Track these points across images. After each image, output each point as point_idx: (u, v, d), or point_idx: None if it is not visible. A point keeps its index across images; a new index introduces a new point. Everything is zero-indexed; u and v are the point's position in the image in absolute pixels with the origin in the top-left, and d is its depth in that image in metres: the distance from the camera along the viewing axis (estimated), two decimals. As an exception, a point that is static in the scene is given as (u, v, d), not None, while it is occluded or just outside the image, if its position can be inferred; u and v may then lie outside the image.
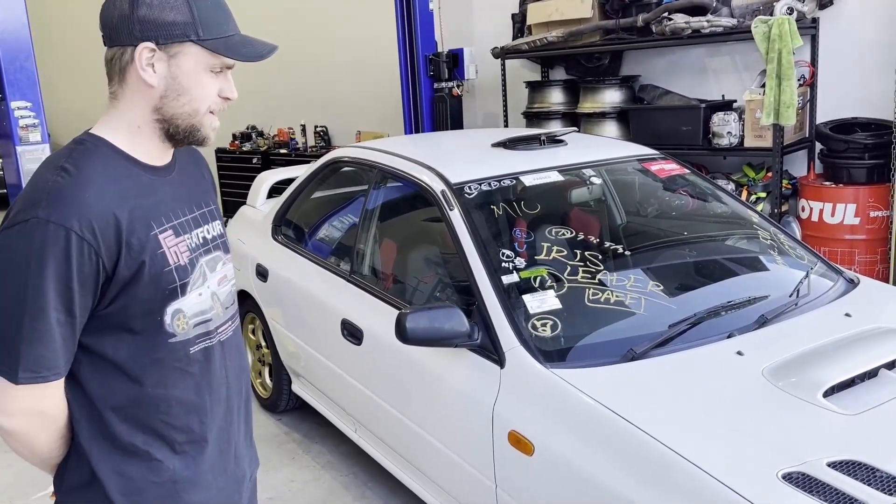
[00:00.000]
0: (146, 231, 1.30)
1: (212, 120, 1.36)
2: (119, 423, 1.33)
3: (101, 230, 1.23)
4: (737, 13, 4.26)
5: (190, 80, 1.30)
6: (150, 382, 1.34)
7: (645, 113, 4.75)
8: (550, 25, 5.00)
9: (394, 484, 2.95)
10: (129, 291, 1.28)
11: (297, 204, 3.63)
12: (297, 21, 7.48)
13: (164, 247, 1.32)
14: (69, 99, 9.73)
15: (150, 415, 1.35)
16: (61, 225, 1.20)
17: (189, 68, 1.30)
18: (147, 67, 1.28)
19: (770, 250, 2.80)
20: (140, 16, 1.26)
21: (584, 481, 1.86)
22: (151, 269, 1.29)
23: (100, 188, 1.25)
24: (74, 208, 1.21)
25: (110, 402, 1.33)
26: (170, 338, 1.35)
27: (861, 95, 4.17)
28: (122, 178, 1.30)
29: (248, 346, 3.99)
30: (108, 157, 1.31)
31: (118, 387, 1.33)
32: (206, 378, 1.42)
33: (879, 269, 3.99)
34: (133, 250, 1.27)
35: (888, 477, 1.63)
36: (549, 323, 2.24)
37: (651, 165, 3.04)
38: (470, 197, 2.62)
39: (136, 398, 1.34)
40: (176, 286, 1.33)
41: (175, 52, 1.28)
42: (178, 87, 1.30)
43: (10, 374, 1.22)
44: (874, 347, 2.09)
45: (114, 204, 1.26)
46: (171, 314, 1.34)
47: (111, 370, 1.32)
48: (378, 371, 2.74)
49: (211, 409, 1.43)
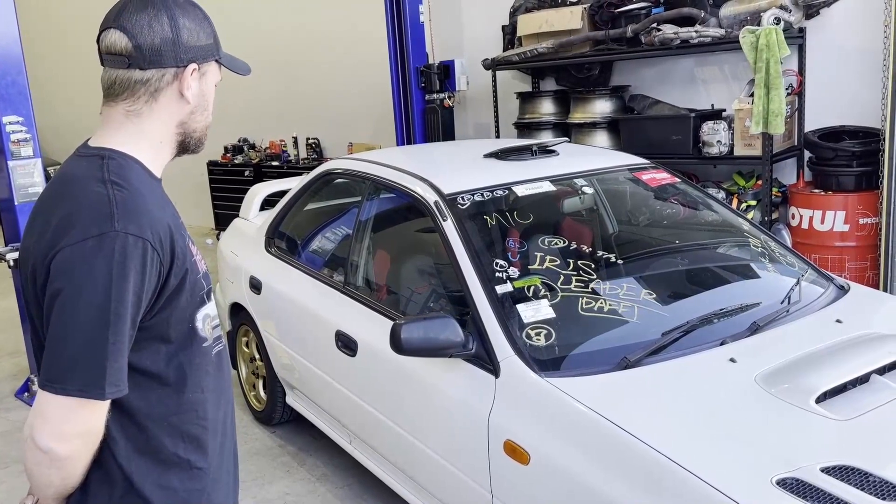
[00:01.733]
0: (182, 241, 1.34)
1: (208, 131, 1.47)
2: (163, 435, 1.34)
3: (163, 240, 1.27)
4: (725, 23, 4.31)
5: (208, 97, 1.43)
6: (189, 387, 1.37)
7: (635, 123, 4.78)
8: (541, 36, 5.04)
9: (390, 495, 2.94)
10: (173, 301, 1.31)
11: (291, 216, 3.63)
12: (288, 34, 7.51)
13: (193, 254, 1.37)
14: (59, 114, 9.71)
15: (190, 420, 1.38)
16: (139, 237, 1.22)
17: (207, 87, 1.42)
18: (192, 85, 1.38)
19: (761, 258, 2.82)
20: (184, 40, 1.35)
21: (580, 489, 1.87)
22: (191, 276, 1.34)
23: (150, 198, 1.30)
24: (146, 220, 1.24)
25: (153, 415, 1.33)
26: (203, 342, 1.39)
27: (848, 103, 4.22)
28: (153, 189, 1.35)
29: (242, 358, 3.99)
30: (138, 169, 1.35)
31: (159, 397, 1.33)
32: (220, 379, 1.46)
33: (870, 276, 4.02)
34: (179, 259, 1.30)
35: (881, 482, 1.64)
36: (543, 332, 2.25)
37: (642, 175, 3.07)
38: (463, 207, 2.63)
39: (176, 405, 1.35)
40: (204, 292, 1.38)
41: (205, 70, 1.41)
42: (205, 103, 1.42)
43: (98, 392, 1.20)
44: (865, 353, 2.11)
45: (163, 214, 1.30)
46: (201, 319, 1.38)
47: (150, 381, 1.32)
48: (373, 382, 2.74)
49: (226, 408, 1.48)
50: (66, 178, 1.32)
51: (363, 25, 6.64)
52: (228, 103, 8.54)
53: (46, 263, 1.22)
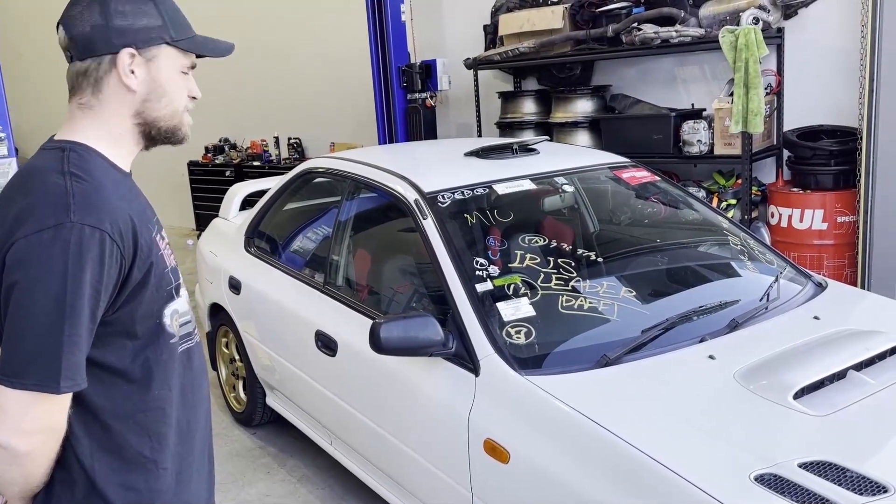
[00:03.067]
0: (148, 234, 1.31)
1: (187, 118, 1.40)
2: (129, 433, 1.31)
3: (124, 232, 1.24)
4: (704, 23, 4.33)
5: (168, 82, 1.35)
6: (156, 384, 1.34)
7: (616, 122, 4.79)
8: (522, 36, 5.04)
9: (371, 496, 2.92)
10: (137, 295, 1.28)
11: (270, 216, 3.60)
12: (269, 33, 7.46)
13: (161, 249, 1.34)
14: (36, 113, 9.60)
15: (157, 418, 1.35)
16: (96, 228, 1.19)
17: (166, 70, 1.34)
18: (129, 72, 1.31)
19: (740, 256, 2.83)
20: (116, 24, 1.29)
21: (559, 488, 1.86)
22: (156, 269, 1.31)
23: (112, 190, 1.27)
24: (104, 211, 1.22)
25: (118, 412, 1.30)
26: (171, 338, 1.36)
27: (826, 103, 4.25)
28: (118, 181, 1.32)
29: (222, 359, 3.95)
30: (100, 161, 1.32)
31: (125, 394, 1.31)
32: (190, 377, 1.43)
33: (847, 274, 4.05)
34: (143, 252, 1.28)
35: (858, 477, 1.65)
36: (523, 330, 2.24)
37: (622, 173, 3.07)
38: (443, 206, 2.62)
39: (142, 403, 1.32)
40: (172, 287, 1.35)
41: (152, 55, 1.33)
42: (159, 90, 1.34)
43: (53, 385, 1.17)
44: (842, 349, 2.12)
45: (126, 206, 1.27)
46: (169, 315, 1.35)
47: (115, 378, 1.30)
48: (353, 382, 2.72)
49: (195, 408, 1.44)
50: (27, 170, 1.30)
51: (345, 25, 6.61)
52: (209, 103, 8.48)
53: (2, 255, 1.20)
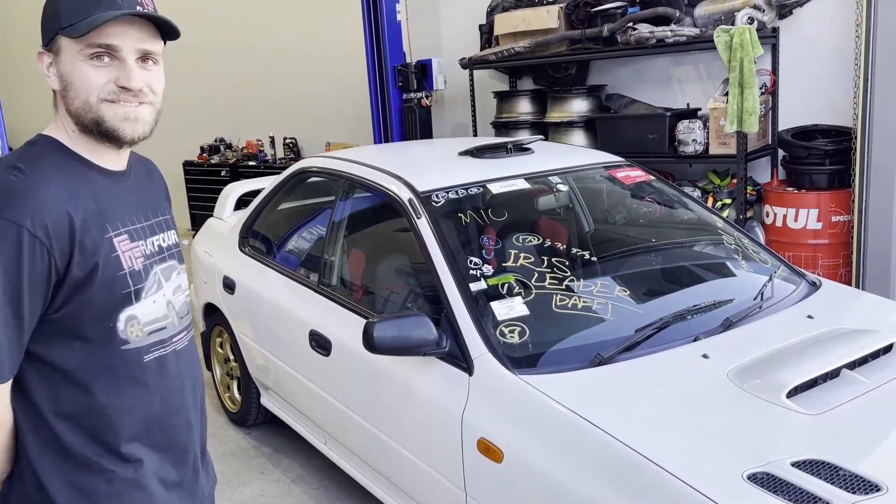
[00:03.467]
0: (101, 233, 1.29)
1: (114, 110, 1.29)
2: (70, 434, 1.30)
3: (54, 229, 1.21)
4: (699, 23, 4.33)
5: (71, 74, 1.28)
6: (101, 391, 1.31)
7: (611, 122, 4.79)
8: (517, 36, 5.04)
9: (365, 496, 2.92)
10: (81, 295, 1.26)
11: (265, 215, 3.60)
12: (265, 33, 7.46)
13: (119, 250, 1.31)
14: (28, 113, 9.58)
15: (101, 424, 1.32)
16: (13, 222, 1.18)
17: (67, 61, 1.28)
18: (47, 72, 1.31)
19: (735, 255, 2.83)
20: (42, 23, 1.30)
21: (553, 487, 1.86)
22: (105, 272, 1.28)
23: (53, 187, 1.25)
24: (28, 206, 1.20)
25: (61, 412, 1.30)
26: (122, 345, 1.33)
27: (821, 103, 4.26)
28: (76, 178, 1.30)
29: (216, 359, 3.94)
30: (62, 158, 1.31)
31: (68, 396, 1.30)
32: (160, 387, 1.39)
33: (842, 273, 4.06)
34: (86, 251, 1.26)
35: (851, 475, 1.65)
36: (516, 329, 2.24)
37: (617, 172, 3.07)
38: (437, 205, 2.62)
39: (87, 407, 1.31)
40: (130, 291, 1.32)
41: (57, 49, 1.29)
42: (67, 83, 1.29)
43: None
44: (836, 348, 2.12)
45: (67, 203, 1.25)
46: (124, 320, 1.32)
47: (61, 379, 1.29)
48: (347, 382, 2.72)
49: (163, 419, 1.40)
50: None
51: (340, 25, 6.61)
52: (204, 103, 8.51)
53: None
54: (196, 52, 8.16)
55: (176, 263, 1.47)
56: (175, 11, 7.41)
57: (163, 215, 1.47)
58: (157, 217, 1.45)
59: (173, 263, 1.46)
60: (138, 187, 1.43)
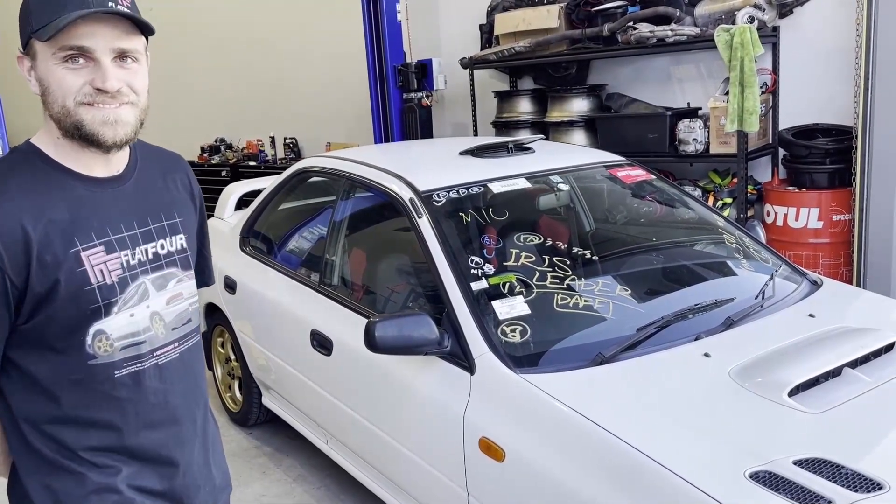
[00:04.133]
0: (65, 247, 1.25)
1: (92, 114, 1.24)
2: (41, 439, 1.31)
3: (5, 245, 1.20)
4: (700, 22, 4.33)
5: (47, 78, 1.24)
6: (67, 403, 1.30)
7: (612, 121, 4.79)
8: (518, 35, 5.04)
9: (366, 495, 2.92)
10: (45, 309, 1.25)
11: (266, 215, 3.60)
12: (265, 33, 7.46)
13: (87, 264, 1.27)
14: (32, 115, 9.59)
15: (70, 435, 1.32)
16: None
17: (42, 65, 1.25)
18: (28, 76, 1.28)
19: (736, 254, 2.83)
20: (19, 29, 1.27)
21: (555, 486, 1.86)
22: (68, 286, 1.25)
23: (10, 202, 1.22)
24: None
25: (31, 418, 1.31)
26: (90, 359, 1.30)
27: (822, 102, 4.26)
28: (47, 190, 1.26)
29: (218, 359, 3.94)
30: (37, 168, 1.27)
31: (38, 403, 1.31)
32: (135, 403, 1.35)
33: (843, 272, 4.06)
34: (46, 266, 1.23)
35: (853, 474, 1.65)
36: (518, 328, 2.24)
37: (618, 172, 3.07)
38: (438, 204, 2.62)
39: (54, 417, 1.31)
40: (99, 306, 1.28)
41: (33, 53, 1.26)
42: (45, 88, 1.26)
43: None
44: (837, 347, 2.12)
45: (26, 218, 1.22)
46: (91, 335, 1.29)
47: (32, 386, 1.30)
48: (348, 381, 2.72)
49: (140, 433, 1.37)
50: None
51: (340, 25, 6.61)
52: (205, 103, 8.51)
53: None
54: (196, 52, 8.18)
55: (177, 271, 1.40)
56: (176, 12, 7.45)
57: (167, 219, 1.41)
58: (161, 221, 1.39)
59: (172, 271, 1.40)
60: (139, 191, 1.37)
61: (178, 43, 7.99)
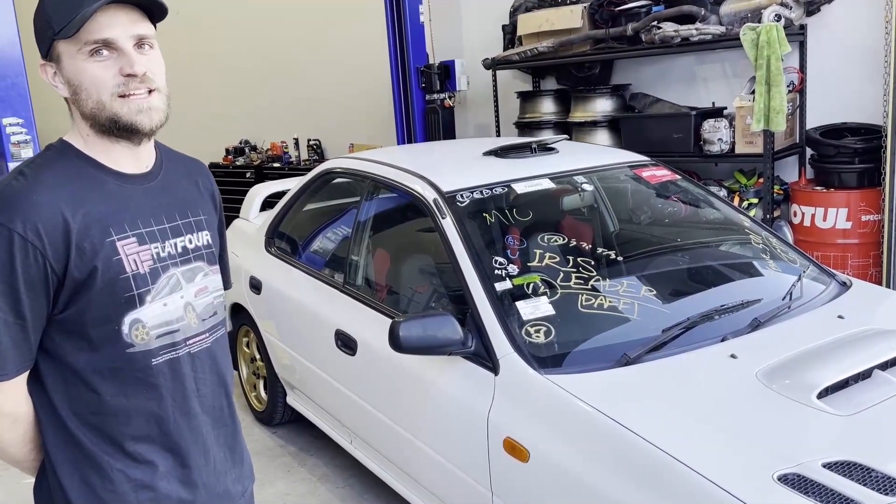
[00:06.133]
0: (102, 236, 1.29)
1: (127, 105, 1.29)
2: (81, 431, 1.34)
3: (47, 232, 1.23)
4: (725, 21, 4.29)
5: (78, 75, 1.29)
6: (108, 392, 1.33)
7: (636, 121, 4.77)
8: (541, 36, 5.03)
9: (390, 495, 2.93)
10: (83, 296, 1.28)
11: (290, 216, 3.62)
12: (288, 35, 7.51)
13: (122, 254, 1.31)
14: (61, 117, 9.74)
15: (110, 424, 1.34)
16: (4, 226, 1.21)
17: (70, 65, 1.29)
18: (53, 81, 1.32)
19: (762, 254, 2.80)
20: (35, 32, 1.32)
21: (579, 487, 1.85)
22: (105, 274, 1.29)
23: (51, 191, 1.26)
24: (21, 210, 1.23)
25: (73, 409, 1.33)
26: (128, 348, 1.33)
27: (850, 100, 4.20)
28: (82, 182, 1.31)
29: (243, 358, 3.98)
30: (72, 161, 1.32)
31: (79, 393, 1.33)
32: (172, 390, 1.39)
33: (872, 273, 4.00)
34: (84, 254, 1.27)
35: (884, 477, 1.62)
36: (542, 329, 2.24)
37: (642, 172, 3.05)
38: (462, 205, 2.62)
39: (96, 406, 1.34)
40: (133, 294, 1.32)
41: (56, 56, 1.30)
42: (76, 87, 1.30)
43: None
44: (867, 348, 2.09)
45: (65, 207, 1.26)
46: (128, 324, 1.32)
47: (72, 376, 1.32)
48: (372, 381, 2.73)
49: (177, 421, 1.40)
50: None
51: (363, 27, 6.64)
52: (230, 106, 8.59)
53: None
54: (221, 56, 8.26)
55: (203, 265, 1.46)
56: (203, 15, 7.53)
57: (195, 216, 1.46)
58: (188, 218, 1.44)
59: (200, 265, 1.45)
60: (167, 188, 1.43)
61: (204, 45, 8.08)
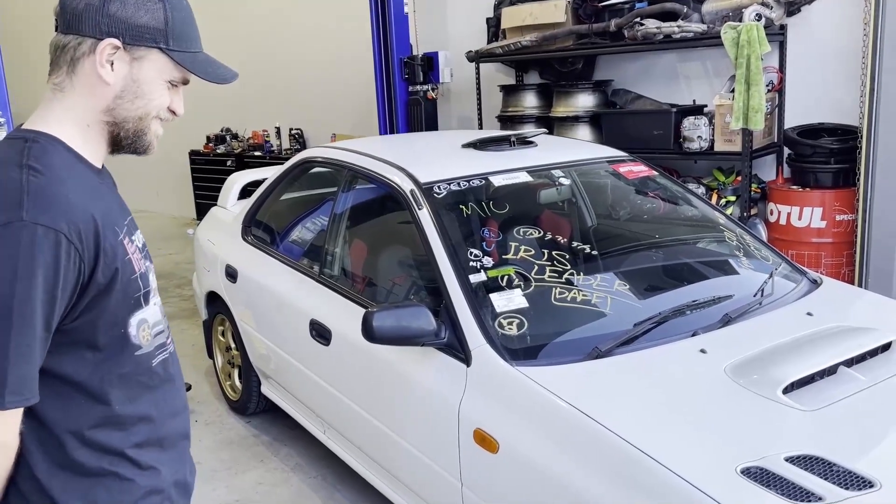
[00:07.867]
0: (114, 236, 1.22)
1: (157, 127, 1.30)
2: (82, 449, 1.23)
3: (84, 234, 1.14)
4: (707, 19, 4.31)
5: (149, 87, 1.25)
6: (117, 400, 1.25)
7: (617, 117, 4.78)
8: (524, 30, 5.03)
9: (363, 485, 2.93)
10: (100, 302, 1.19)
11: (268, 205, 3.61)
12: (272, 24, 7.46)
13: (129, 253, 1.25)
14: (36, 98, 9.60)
15: (117, 435, 1.27)
16: (51, 228, 1.09)
17: (151, 75, 1.25)
18: (106, 64, 1.21)
19: (736, 251, 2.83)
20: (110, 10, 1.20)
21: (547, 478, 1.87)
22: (123, 275, 1.22)
23: (75, 188, 1.17)
24: (62, 209, 1.12)
25: (72, 427, 1.22)
26: (136, 350, 1.27)
27: (828, 101, 4.24)
28: (82, 179, 1.22)
29: (218, 347, 3.96)
30: (65, 156, 1.22)
31: (82, 409, 1.22)
32: (164, 391, 1.35)
33: (845, 272, 4.05)
34: (108, 256, 1.18)
35: (845, 472, 1.65)
36: (515, 321, 2.25)
37: (620, 167, 3.07)
38: (439, 197, 2.62)
39: (102, 419, 1.25)
40: (140, 295, 1.27)
41: (140, 55, 1.23)
42: (136, 91, 1.25)
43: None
44: (834, 345, 2.12)
45: (89, 205, 1.17)
46: (136, 325, 1.26)
47: (73, 392, 1.22)
48: (346, 372, 2.73)
49: (169, 421, 1.36)
50: None
51: (347, 16, 6.61)
52: (211, 92, 8.48)
53: None
54: (204, 42, 8.17)
55: (151, 265, 1.40)
56: (182, 0, 7.30)
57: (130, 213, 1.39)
58: (130, 214, 1.38)
59: (151, 265, 1.39)
60: (112, 185, 1.37)
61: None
